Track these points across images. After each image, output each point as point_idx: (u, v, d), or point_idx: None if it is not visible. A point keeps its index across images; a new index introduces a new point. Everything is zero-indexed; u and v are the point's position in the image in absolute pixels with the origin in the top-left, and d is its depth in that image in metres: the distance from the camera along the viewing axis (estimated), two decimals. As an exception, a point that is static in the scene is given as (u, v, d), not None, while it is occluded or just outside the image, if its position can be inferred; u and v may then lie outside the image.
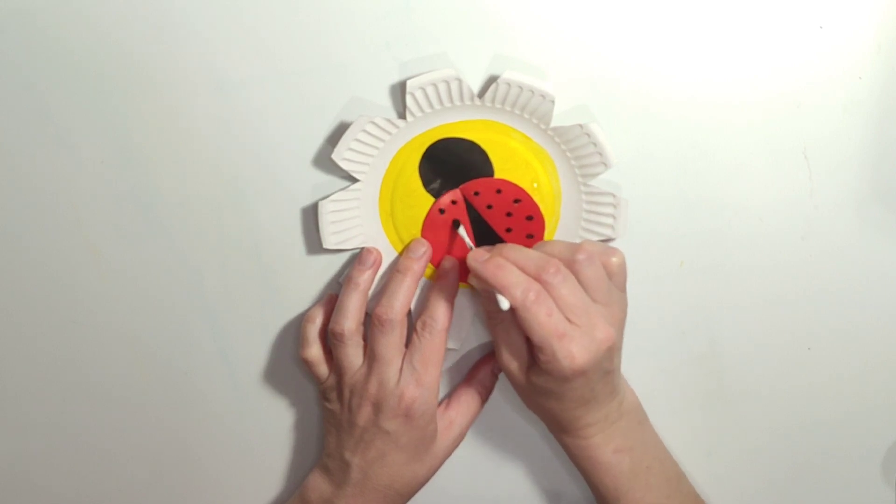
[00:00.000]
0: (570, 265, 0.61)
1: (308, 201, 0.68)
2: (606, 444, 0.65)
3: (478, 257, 0.61)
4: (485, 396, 0.71)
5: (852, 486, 0.73)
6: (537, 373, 0.62)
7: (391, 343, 0.65)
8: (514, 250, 0.62)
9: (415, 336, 0.66)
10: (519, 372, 0.64)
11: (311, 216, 0.68)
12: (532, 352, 0.62)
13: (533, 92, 0.62)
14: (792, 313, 0.70)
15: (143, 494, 0.77)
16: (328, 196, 0.67)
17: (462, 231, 0.67)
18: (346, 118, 0.65)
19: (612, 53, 0.64)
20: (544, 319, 0.59)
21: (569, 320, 0.59)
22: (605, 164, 0.65)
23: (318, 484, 0.70)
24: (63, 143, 0.68)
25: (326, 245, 0.67)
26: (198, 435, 0.76)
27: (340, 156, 0.65)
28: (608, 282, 0.62)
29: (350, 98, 0.65)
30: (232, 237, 0.69)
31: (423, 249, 0.67)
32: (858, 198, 0.67)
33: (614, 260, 0.63)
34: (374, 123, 0.64)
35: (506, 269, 0.60)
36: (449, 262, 0.68)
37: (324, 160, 0.66)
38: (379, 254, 0.67)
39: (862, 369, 0.70)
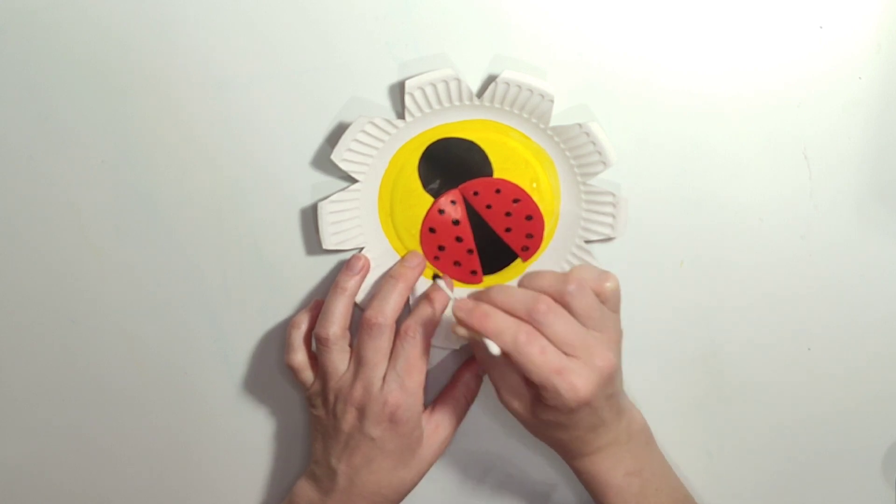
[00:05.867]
0: (561, 297, 0.60)
1: (308, 202, 0.68)
2: (617, 467, 0.65)
3: (463, 307, 0.60)
4: (470, 399, 0.71)
5: (852, 486, 0.73)
6: (542, 409, 0.61)
7: (379, 347, 0.65)
8: (500, 292, 0.60)
9: (398, 342, 0.66)
10: (523, 410, 0.63)
11: (310, 216, 0.68)
12: (533, 389, 0.61)
13: (532, 91, 0.63)
14: (792, 313, 0.70)
15: (138, 494, 0.77)
16: (328, 197, 0.67)
17: (441, 283, 0.67)
18: (345, 118, 0.65)
19: (612, 55, 0.64)
20: (539, 359, 0.58)
21: (566, 354, 0.59)
22: (604, 164, 0.65)
23: (306, 491, 0.69)
24: (63, 142, 0.68)
25: (326, 246, 0.67)
26: (196, 435, 0.76)
27: (340, 156, 0.65)
28: (601, 308, 0.61)
29: (349, 98, 0.65)
30: (232, 237, 0.69)
31: (419, 261, 0.68)
32: (858, 198, 0.67)
33: (608, 286, 0.62)
34: (373, 124, 0.64)
35: (492, 315, 0.59)
36: (447, 280, 0.68)
37: (323, 160, 0.66)
38: (367, 261, 0.68)
39: (862, 369, 0.70)
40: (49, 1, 0.64)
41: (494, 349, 0.58)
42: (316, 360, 0.68)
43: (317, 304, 0.69)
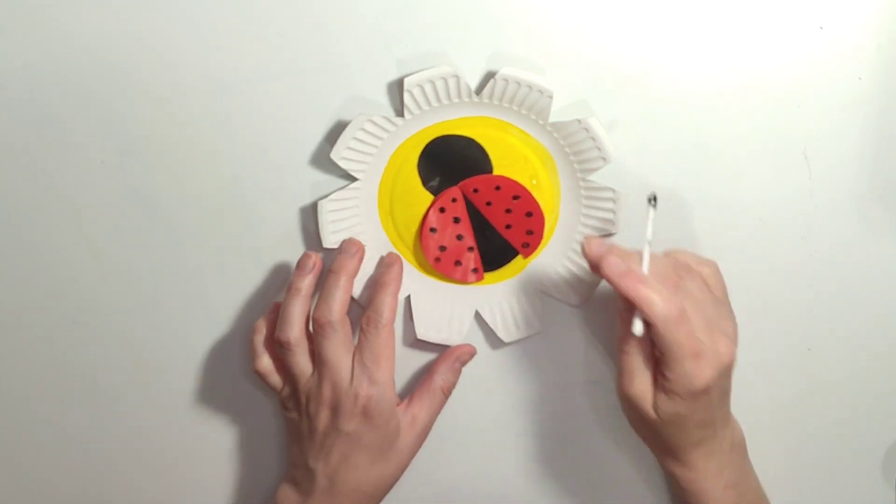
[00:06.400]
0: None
1: (307, 200, 0.68)
2: (718, 478, 0.63)
3: (616, 268, 0.57)
4: (447, 391, 0.70)
5: (852, 486, 0.72)
6: (662, 399, 0.59)
7: (336, 345, 0.65)
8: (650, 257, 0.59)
9: (361, 334, 0.65)
10: (645, 401, 0.60)
11: (310, 215, 0.68)
12: (657, 377, 0.60)
13: (531, 88, 0.62)
14: (792, 313, 0.70)
15: (139, 495, 0.77)
16: (327, 195, 0.67)
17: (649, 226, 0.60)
18: (343, 117, 0.65)
19: (612, 55, 0.64)
20: (685, 340, 0.56)
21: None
22: (603, 159, 0.65)
23: (287, 495, 0.68)
24: (63, 143, 0.68)
25: (326, 244, 0.67)
26: (196, 435, 0.76)
27: (339, 155, 0.65)
28: (712, 295, 0.61)
29: (348, 96, 0.65)
30: (232, 236, 0.70)
31: (356, 248, 0.66)
32: (858, 198, 0.67)
33: (706, 270, 0.62)
34: (372, 122, 0.64)
35: (648, 283, 0.56)
36: (391, 257, 0.68)
37: (322, 159, 0.66)
38: (318, 258, 0.66)
39: (862, 369, 0.70)
40: (49, 1, 0.64)
41: (638, 328, 0.57)
42: (282, 363, 0.68)
43: (275, 308, 0.69)
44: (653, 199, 0.61)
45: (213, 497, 0.77)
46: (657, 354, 0.58)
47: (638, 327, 0.57)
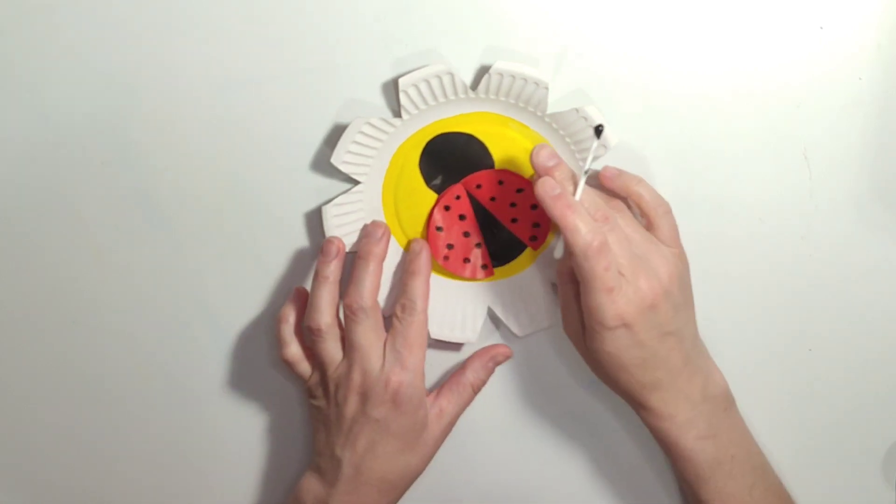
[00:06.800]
0: (646, 212, 0.62)
1: (313, 204, 0.68)
2: (689, 430, 0.63)
3: (550, 188, 0.59)
4: (477, 387, 0.70)
5: (852, 486, 0.72)
6: (588, 335, 0.61)
7: (367, 330, 0.65)
8: (587, 192, 0.61)
9: (395, 320, 0.66)
10: (580, 338, 0.62)
11: (315, 219, 0.68)
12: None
13: (526, 80, 0.62)
14: (792, 313, 0.70)
15: (139, 495, 0.77)
16: (331, 200, 0.66)
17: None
18: (340, 120, 0.65)
19: (611, 55, 0.64)
20: (601, 273, 0.57)
21: (620, 273, 0.58)
22: (604, 147, 0.64)
23: (311, 485, 0.68)
24: (63, 143, 0.68)
25: None
26: (198, 436, 0.76)
27: (339, 159, 0.65)
28: (646, 234, 0.62)
29: (344, 100, 0.65)
30: (234, 239, 0.70)
31: (382, 231, 0.66)
32: (858, 198, 0.67)
33: (658, 211, 0.63)
34: (370, 124, 0.64)
35: (575, 210, 0.58)
36: (418, 244, 0.67)
37: (324, 163, 0.66)
38: (340, 242, 0.66)
39: (862, 369, 0.70)
40: (50, 1, 0.64)
41: (558, 251, 0.58)
42: (310, 350, 0.68)
43: (298, 294, 0.69)
44: (599, 130, 0.61)
45: (235, 490, 0.77)
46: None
47: (558, 251, 0.59)
